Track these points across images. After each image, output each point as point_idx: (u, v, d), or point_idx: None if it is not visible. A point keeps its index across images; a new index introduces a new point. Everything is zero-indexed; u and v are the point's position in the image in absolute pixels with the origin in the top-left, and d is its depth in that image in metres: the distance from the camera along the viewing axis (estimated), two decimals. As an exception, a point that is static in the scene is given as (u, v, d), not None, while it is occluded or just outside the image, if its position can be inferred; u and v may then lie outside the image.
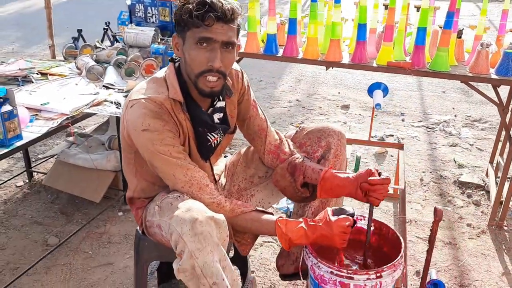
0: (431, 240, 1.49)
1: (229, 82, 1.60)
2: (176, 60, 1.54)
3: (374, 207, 1.53)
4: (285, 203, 2.79)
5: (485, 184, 3.07)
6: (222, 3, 1.38)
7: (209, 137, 1.59)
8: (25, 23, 7.87)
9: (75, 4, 9.79)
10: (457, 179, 3.15)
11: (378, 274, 1.31)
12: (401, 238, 1.46)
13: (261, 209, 1.54)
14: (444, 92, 5.09)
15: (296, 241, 1.42)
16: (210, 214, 1.33)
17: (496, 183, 2.85)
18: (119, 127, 1.61)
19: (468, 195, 2.98)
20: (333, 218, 1.41)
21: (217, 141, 1.63)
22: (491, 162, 3.16)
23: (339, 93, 5.00)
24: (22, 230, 2.53)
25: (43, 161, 3.16)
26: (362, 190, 1.54)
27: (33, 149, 3.44)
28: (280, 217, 1.48)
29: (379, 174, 1.52)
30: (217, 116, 1.60)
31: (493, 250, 2.47)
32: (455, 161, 3.44)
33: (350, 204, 2.78)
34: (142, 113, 1.42)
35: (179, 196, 1.44)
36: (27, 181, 2.99)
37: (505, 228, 2.64)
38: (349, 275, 1.31)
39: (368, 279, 1.31)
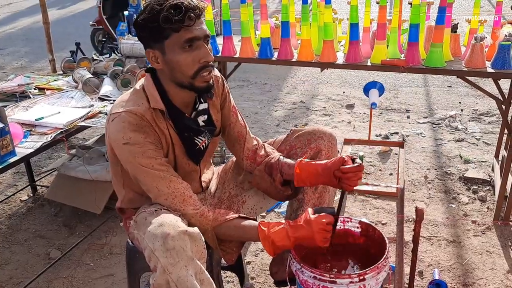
0: (415, 240, 1.46)
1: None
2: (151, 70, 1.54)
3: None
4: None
5: (491, 179, 3.00)
6: (190, 0, 1.40)
7: (196, 141, 1.60)
8: (33, 38, 7.99)
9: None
10: (463, 175, 3.10)
11: (362, 277, 1.29)
12: (386, 239, 1.43)
13: (244, 215, 1.53)
14: (450, 86, 5.01)
15: (279, 242, 1.41)
16: (183, 228, 1.31)
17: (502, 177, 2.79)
18: None
19: (474, 191, 2.93)
20: (312, 217, 1.40)
21: (205, 144, 1.64)
22: (496, 156, 3.09)
23: (343, 92, 4.96)
24: (25, 244, 2.56)
25: (47, 175, 3.19)
26: (336, 178, 1.52)
27: (38, 162, 3.48)
28: (262, 221, 1.47)
29: (353, 160, 1.50)
30: (201, 119, 1.61)
31: (499, 247, 2.41)
32: (461, 157, 3.38)
33: (350, 209, 2.77)
34: (123, 126, 1.43)
35: (155, 211, 1.43)
36: (31, 195, 3.03)
37: (511, 223, 2.58)
38: (331, 279, 1.30)
39: (351, 282, 1.29)
